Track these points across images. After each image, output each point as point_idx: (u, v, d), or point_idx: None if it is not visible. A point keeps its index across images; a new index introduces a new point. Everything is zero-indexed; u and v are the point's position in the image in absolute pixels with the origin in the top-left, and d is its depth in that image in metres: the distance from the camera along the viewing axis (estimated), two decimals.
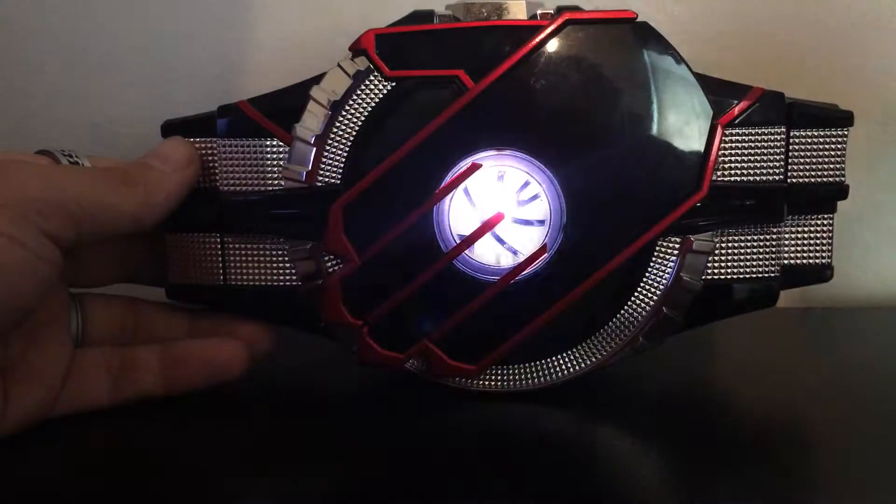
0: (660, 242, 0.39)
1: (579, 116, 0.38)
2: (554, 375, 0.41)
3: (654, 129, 0.38)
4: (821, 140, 0.41)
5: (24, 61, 0.57)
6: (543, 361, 0.41)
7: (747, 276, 0.41)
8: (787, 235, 0.42)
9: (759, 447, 0.36)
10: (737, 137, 0.40)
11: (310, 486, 0.34)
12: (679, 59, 0.38)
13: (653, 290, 0.40)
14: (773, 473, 0.34)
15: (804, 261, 0.42)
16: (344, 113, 0.39)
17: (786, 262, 0.42)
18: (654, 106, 0.38)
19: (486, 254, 0.40)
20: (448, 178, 0.39)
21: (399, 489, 0.34)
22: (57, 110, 0.57)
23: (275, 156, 0.40)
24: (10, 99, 0.57)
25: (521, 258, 0.40)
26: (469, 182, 0.39)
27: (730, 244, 0.41)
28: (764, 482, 0.34)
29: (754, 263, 0.41)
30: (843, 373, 0.45)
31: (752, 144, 0.40)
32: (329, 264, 0.40)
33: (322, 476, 0.35)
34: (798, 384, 0.44)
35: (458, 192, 0.39)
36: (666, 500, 0.33)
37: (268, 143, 0.40)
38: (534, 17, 0.39)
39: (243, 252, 0.41)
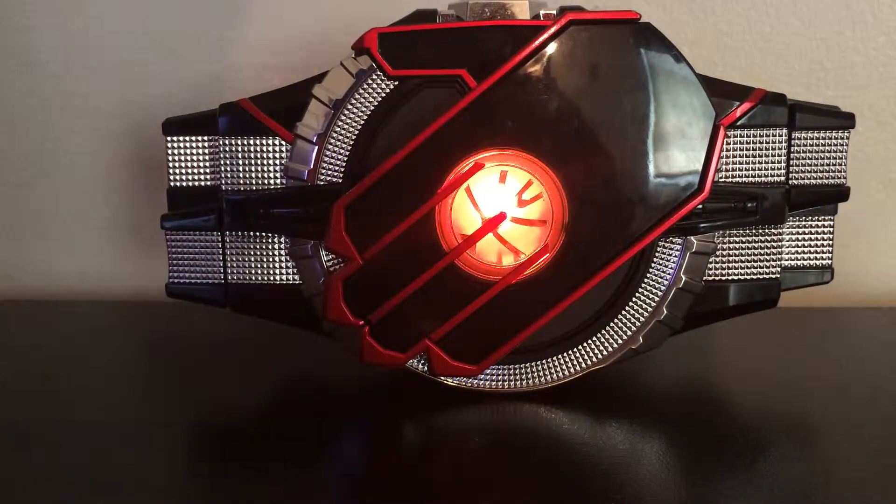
0: (661, 243, 0.39)
1: (582, 117, 0.38)
2: (554, 375, 0.41)
3: (657, 130, 0.38)
4: (822, 142, 0.41)
5: (25, 61, 0.56)
6: (543, 361, 0.41)
7: (748, 277, 0.41)
8: (787, 237, 0.42)
9: (759, 447, 0.37)
10: (738, 139, 0.40)
11: (310, 486, 0.34)
12: (681, 60, 0.38)
13: (654, 290, 0.40)
14: (773, 473, 0.34)
15: (804, 262, 0.42)
16: (346, 112, 0.39)
17: (786, 263, 0.42)
18: (657, 107, 0.38)
19: (488, 253, 0.40)
20: (450, 178, 0.39)
21: (399, 489, 0.34)
22: (57, 110, 0.57)
23: (276, 154, 0.40)
24: (10, 99, 0.57)
25: (523, 258, 0.40)
26: (471, 181, 0.39)
27: (731, 245, 0.41)
28: (764, 482, 0.34)
29: (755, 265, 0.41)
30: (843, 373, 0.45)
31: (754, 146, 0.40)
32: (330, 263, 0.40)
33: (322, 476, 0.35)
34: (798, 384, 0.44)
35: (460, 192, 0.39)
36: (666, 499, 0.33)
37: (269, 141, 0.40)
38: (537, 17, 0.39)
39: (244, 251, 0.41)
